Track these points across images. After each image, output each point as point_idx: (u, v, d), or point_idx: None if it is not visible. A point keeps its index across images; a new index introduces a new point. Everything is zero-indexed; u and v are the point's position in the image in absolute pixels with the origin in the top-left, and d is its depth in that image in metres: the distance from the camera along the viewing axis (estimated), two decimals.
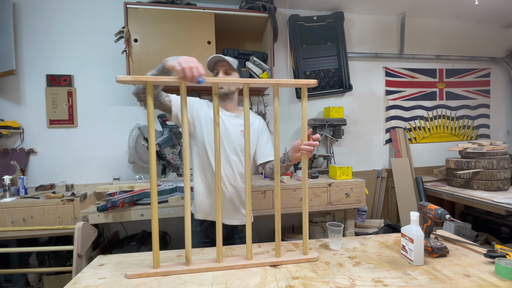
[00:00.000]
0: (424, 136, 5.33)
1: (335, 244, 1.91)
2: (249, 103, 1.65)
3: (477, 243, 2.37)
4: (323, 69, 4.79)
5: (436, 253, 1.71)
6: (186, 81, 1.60)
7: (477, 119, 5.57)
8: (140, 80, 1.55)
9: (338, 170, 3.82)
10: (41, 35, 3.92)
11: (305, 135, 1.75)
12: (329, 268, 1.62)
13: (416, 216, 1.66)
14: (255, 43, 4.47)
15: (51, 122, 3.94)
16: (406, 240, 1.68)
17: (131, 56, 3.53)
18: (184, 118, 1.61)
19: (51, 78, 3.92)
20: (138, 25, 3.52)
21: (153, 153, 1.60)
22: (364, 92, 5.04)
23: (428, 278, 1.48)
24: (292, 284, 1.45)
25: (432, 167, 5.26)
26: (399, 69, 5.17)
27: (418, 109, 5.28)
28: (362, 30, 5.01)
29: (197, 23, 3.65)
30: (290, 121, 4.68)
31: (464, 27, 5.41)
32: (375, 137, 5.12)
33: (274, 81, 1.67)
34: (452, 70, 5.40)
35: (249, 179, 1.70)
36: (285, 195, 3.54)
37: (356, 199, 3.74)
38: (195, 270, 1.60)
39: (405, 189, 4.73)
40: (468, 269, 1.56)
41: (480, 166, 4.00)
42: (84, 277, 1.57)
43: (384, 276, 1.51)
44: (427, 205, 1.81)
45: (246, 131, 1.68)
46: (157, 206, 1.60)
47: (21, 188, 3.23)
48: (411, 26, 5.15)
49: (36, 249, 3.12)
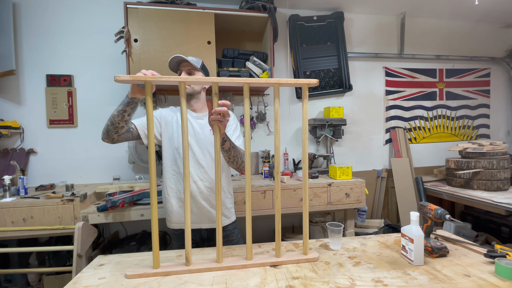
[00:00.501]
0: (424, 136, 5.33)
1: (335, 244, 1.91)
2: (249, 103, 1.64)
3: (477, 243, 2.37)
4: (323, 69, 4.79)
5: (436, 253, 1.71)
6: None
7: (477, 119, 5.57)
8: (138, 80, 1.55)
9: (338, 170, 3.82)
10: (41, 35, 3.92)
11: (305, 135, 1.74)
12: (329, 268, 1.62)
13: (416, 216, 1.66)
14: (255, 43, 4.47)
15: (51, 122, 3.94)
16: (406, 240, 1.68)
17: (131, 56, 3.52)
18: (184, 113, 1.61)
19: (51, 78, 3.92)
20: (138, 25, 3.52)
21: (152, 153, 1.60)
22: (364, 92, 5.04)
23: (428, 278, 1.48)
24: (292, 284, 1.45)
25: (432, 167, 5.26)
26: (399, 69, 5.17)
27: (418, 109, 5.28)
28: (362, 30, 5.01)
29: (197, 23, 3.65)
30: (290, 121, 4.67)
31: (464, 27, 5.41)
32: (375, 137, 5.12)
33: (275, 81, 1.66)
34: (452, 70, 5.40)
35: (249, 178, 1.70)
36: (285, 195, 3.54)
37: (356, 199, 3.75)
38: (195, 270, 1.60)
39: (405, 189, 4.73)
40: (468, 269, 1.56)
41: (480, 166, 4.00)
42: (84, 277, 1.58)
43: (384, 276, 1.51)
44: (427, 205, 1.81)
45: (246, 131, 1.68)
46: (157, 206, 1.61)
47: (21, 188, 3.23)
48: (411, 26, 5.15)
49: (36, 249, 3.11)
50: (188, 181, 1.64)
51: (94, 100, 4.06)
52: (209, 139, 2.23)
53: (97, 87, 4.06)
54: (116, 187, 3.35)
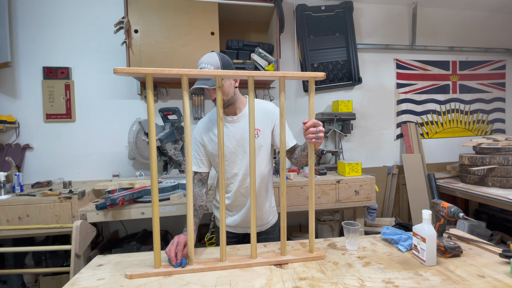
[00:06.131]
0: (437, 131, 5.31)
1: (352, 244, 1.90)
2: (254, 96, 1.64)
3: (492, 242, 2.36)
4: (332, 61, 4.77)
5: (449, 253, 1.71)
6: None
7: (492, 113, 5.54)
8: (138, 72, 1.54)
9: (347, 167, 3.82)
10: (37, 25, 3.92)
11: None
12: (337, 268, 1.62)
13: (429, 214, 1.66)
14: (261, 34, 4.46)
15: (48, 116, 3.95)
16: (418, 239, 1.67)
17: (131, 48, 3.52)
18: (186, 108, 1.61)
19: (48, 70, 3.92)
20: (139, 15, 3.52)
21: (154, 148, 1.60)
22: (374, 85, 5.02)
23: (441, 279, 1.48)
24: (299, 285, 1.45)
25: (445, 163, 5.24)
26: (411, 61, 5.14)
27: (430, 103, 5.26)
28: (372, 20, 4.98)
29: (200, 13, 3.64)
30: (297, 115, 4.65)
31: (478, 17, 5.37)
32: (386, 132, 5.10)
33: (280, 74, 1.66)
34: (466, 62, 5.37)
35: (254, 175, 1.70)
36: (292, 193, 3.54)
37: (365, 196, 3.75)
38: (198, 269, 1.61)
39: (417, 186, 4.72)
40: (482, 270, 1.56)
41: (495, 162, 3.98)
42: (82, 278, 1.58)
43: (395, 277, 1.51)
44: (439, 203, 1.81)
45: (251, 126, 1.69)
46: (158, 204, 1.61)
47: (16, 185, 3.24)
48: (423, 16, 5.12)
49: (32, 248, 3.12)
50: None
51: (93, 94, 4.06)
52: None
53: (96, 80, 4.06)
54: (115, 184, 3.35)
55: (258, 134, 2.20)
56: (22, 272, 3.46)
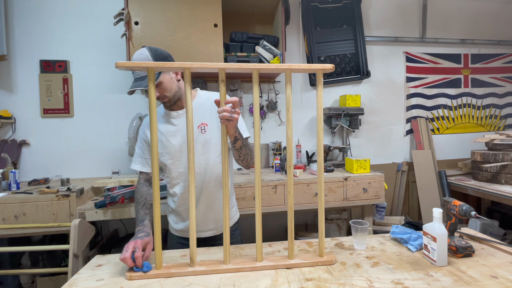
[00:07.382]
0: (448, 127, 5.30)
1: (360, 244, 1.89)
2: (259, 91, 1.64)
3: (505, 241, 2.36)
4: (339, 54, 4.76)
5: (460, 252, 1.70)
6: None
7: (505, 108, 5.52)
8: (140, 66, 1.54)
9: (355, 163, 3.81)
10: (34, 17, 3.92)
11: (320, 125, 1.71)
12: (345, 269, 1.62)
13: (439, 212, 1.65)
14: (266, 26, 4.44)
15: (45, 111, 3.95)
16: (428, 238, 1.67)
17: (132, 40, 3.52)
18: (188, 103, 1.61)
19: (45, 63, 3.93)
20: (139, 6, 3.51)
21: (155, 144, 1.59)
22: (383, 79, 5.01)
23: (452, 279, 1.47)
24: (305, 286, 1.45)
25: (457, 160, 5.23)
26: (421, 54, 5.12)
27: (441, 97, 5.24)
28: (381, 12, 4.96)
29: (202, 4, 3.63)
30: (303, 110, 4.66)
31: (491, 9, 5.34)
32: (395, 127, 5.09)
33: (286, 66, 1.64)
34: (478, 55, 5.34)
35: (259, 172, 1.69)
36: (298, 190, 3.55)
37: (374, 194, 3.74)
38: (200, 271, 1.60)
39: (427, 184, 4.71)
40: (495, 270, 1.55)
41: (508, 159, 3.96)
42: (80, 278, 1.59)
43: (405, 278, 1.50)
44: (451, 201, 1.80)
45: (255, 121, 1.68)
46: (159, 202, 1.62)
47: (12, 183, 3.25)
48: (434, 7, 5.09)
49: (29, 248, 3.12)
50: (193, 176, 1.62)
51: (92, 88, 4.06)
52: (198, 136, 2.08)
53: (94, 74, 4.06)
54: (115, 182, 3.36)
55: (205, 129, 2.10)
56: (18, 272, 3.46)
